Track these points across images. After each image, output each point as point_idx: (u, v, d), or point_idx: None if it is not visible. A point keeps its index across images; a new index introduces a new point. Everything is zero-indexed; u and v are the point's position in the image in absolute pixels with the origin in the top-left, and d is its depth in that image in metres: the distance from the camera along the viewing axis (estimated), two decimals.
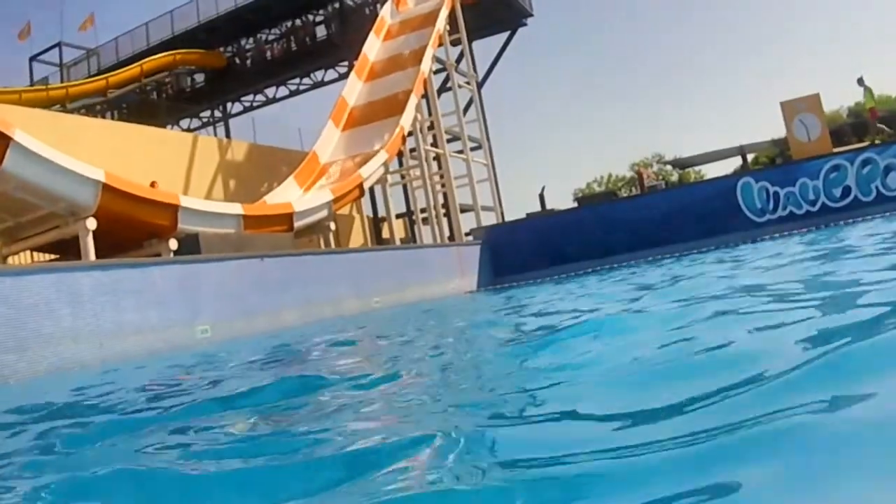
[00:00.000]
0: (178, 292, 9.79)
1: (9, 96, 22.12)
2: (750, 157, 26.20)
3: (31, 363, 7.63)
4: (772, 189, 16.95)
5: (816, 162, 16.73)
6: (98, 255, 10.27)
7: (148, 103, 28.93)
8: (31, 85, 28.09)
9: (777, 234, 16.06)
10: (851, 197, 16.28)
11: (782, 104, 17.92)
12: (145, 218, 11.31)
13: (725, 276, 7.80)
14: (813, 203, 16.57)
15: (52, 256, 12.27)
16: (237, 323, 10.60)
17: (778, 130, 34.44)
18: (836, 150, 17.54)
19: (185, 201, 11.99)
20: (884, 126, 19.63)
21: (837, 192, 16.38)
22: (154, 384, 5.79)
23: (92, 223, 10.41)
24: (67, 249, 10.73)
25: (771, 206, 16.93)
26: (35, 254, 12.93)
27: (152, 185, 12.18)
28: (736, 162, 30.58)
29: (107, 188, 10.50)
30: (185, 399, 4.48)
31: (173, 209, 11.66)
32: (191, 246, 11.30)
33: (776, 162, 21.28)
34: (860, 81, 18.98)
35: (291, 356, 7.05)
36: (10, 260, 11.90)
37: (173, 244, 11.53)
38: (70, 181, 10.10)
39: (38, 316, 7.84)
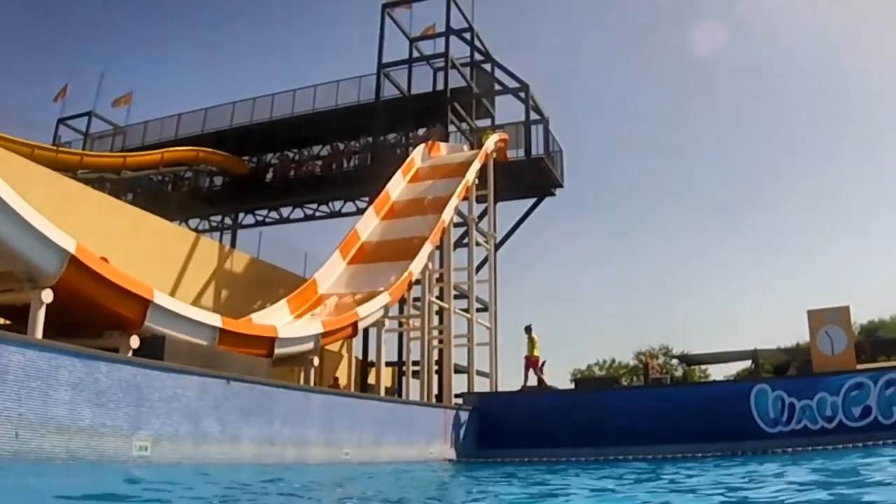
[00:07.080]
0: (122, 397, 8.22)
1: (22, 148, 21.40)
2: None
3: None
4: (788, 400, 15.74)
5: (839, 377, 15.60)
6: (48, 333, 8.77)
7: (161, 193, 28.33)
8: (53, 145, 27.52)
9: (789, 449, 14.88)
10: (871, 418, 15.04)
11: (809, 313, 16.96)
12: (111, 305, 9.86)
13: None
14: (830, 420, 15.33)
15: (2, 321, 10.78)
16: (184, 446, 8.99)
17: (788, 337, 34.01)
18: (860, 367, 16.48)
19: (160, 298, 10.54)
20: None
21: (857, 411, 15.17)
22: None
23: (48, 295, 8.97)
24: (20, 318, 9.24)
25: (784, 417, 15.68)
26: None
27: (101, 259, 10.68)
28: (741, 365, 29.79)
29: (74, 261, 9.09)
30: None
31: (144, 303, 10.23)
32: (154, 349, 9.76)
33: (788, 371, 20.38)
34: (527, 329, 19.74)
35: None
36: None
37: (135, 342, 10.03)
38: (35, 242, 8.70)
39: None
